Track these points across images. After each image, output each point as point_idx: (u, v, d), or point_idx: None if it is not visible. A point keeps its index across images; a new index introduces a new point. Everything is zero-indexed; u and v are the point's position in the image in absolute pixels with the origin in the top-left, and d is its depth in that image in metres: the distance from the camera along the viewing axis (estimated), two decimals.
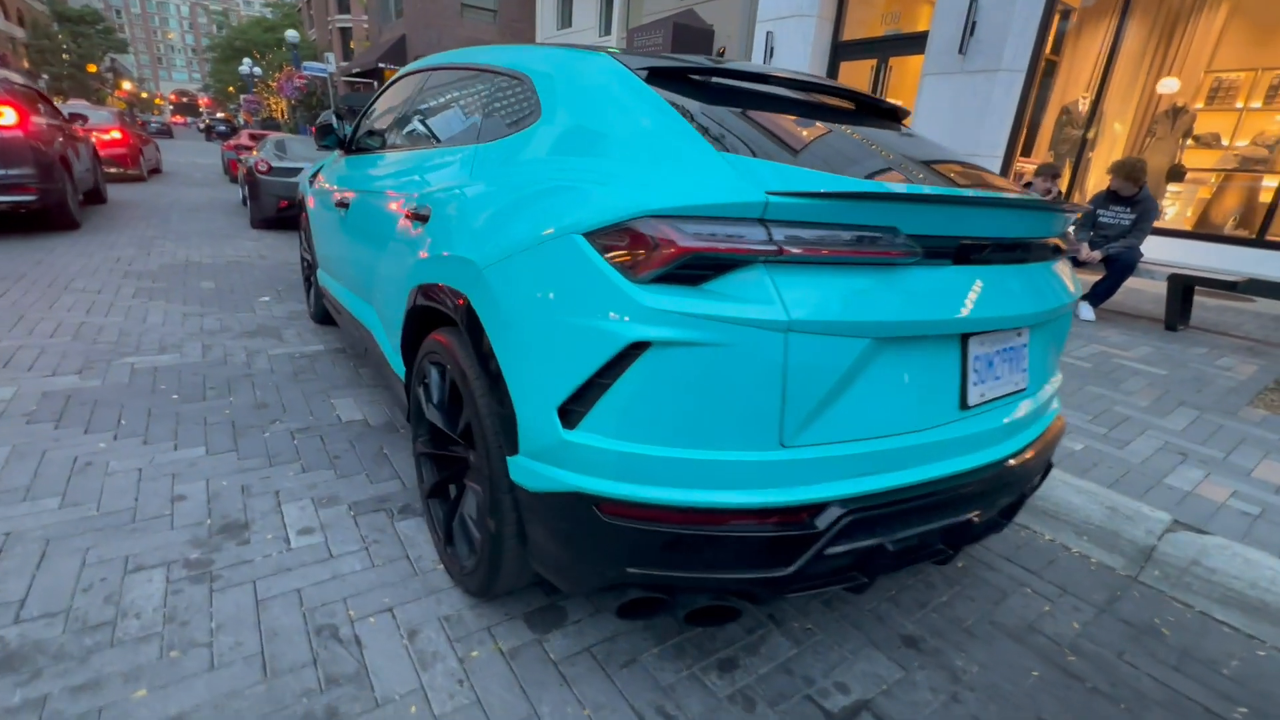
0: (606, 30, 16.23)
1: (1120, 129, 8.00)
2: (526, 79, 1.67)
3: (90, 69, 50.87)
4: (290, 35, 26.58)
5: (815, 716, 1.41)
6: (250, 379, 3.09)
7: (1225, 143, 7.53)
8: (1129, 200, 4.75)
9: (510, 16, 22.52)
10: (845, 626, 1.71)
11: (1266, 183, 6.88)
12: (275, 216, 7.45)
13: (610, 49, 1.63)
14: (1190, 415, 3.07)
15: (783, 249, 1.03)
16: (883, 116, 1.84)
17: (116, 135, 10.80)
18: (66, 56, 48.52)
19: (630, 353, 1.07)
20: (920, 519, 1.23)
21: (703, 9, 13.16)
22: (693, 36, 12.55)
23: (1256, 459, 2.64)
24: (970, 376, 1.27)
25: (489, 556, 1.47)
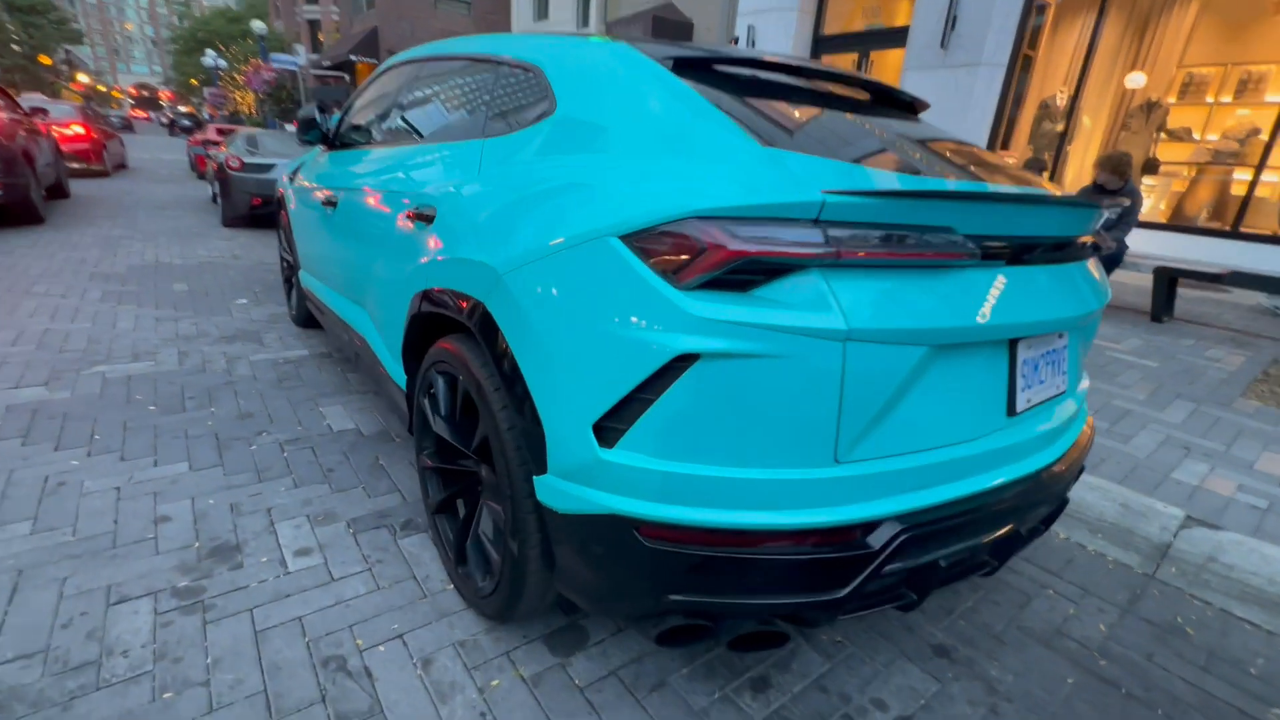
0: (585, 23, 16.01)
1: (1096, 123, 8.13)
2: (536, 69, 1.57)
3: (44, 61, 48.80)
4: (256, 26, 25.69)
5: None
6: (232, 387, 2.93)
7: (1197, 136, 7.69)
8: (1114, 194, 4.80)
9: (485, 8, 22.09)
10: (874, 638, 1.65)
11: (1238, 176, 7.05)
12: (248, 214, 7.20)
13: (630, 35, 1.54)
14: (1187, 408, 3.10)
15: (840, 252, 0.96)
16: (905, 110, 1.79)
17: (79, 130, 10.60)
18: (17, 48, 46.46)
19: (676, 365, 0.99)
20: (972, 531, 1.18)
21: (681, 2, 13.05)
22: (672, 30, 12.48)
23: (1257, 451, 2.66)
24: (1018, 381, 1.22)
25: (510, 580, 1.38)
